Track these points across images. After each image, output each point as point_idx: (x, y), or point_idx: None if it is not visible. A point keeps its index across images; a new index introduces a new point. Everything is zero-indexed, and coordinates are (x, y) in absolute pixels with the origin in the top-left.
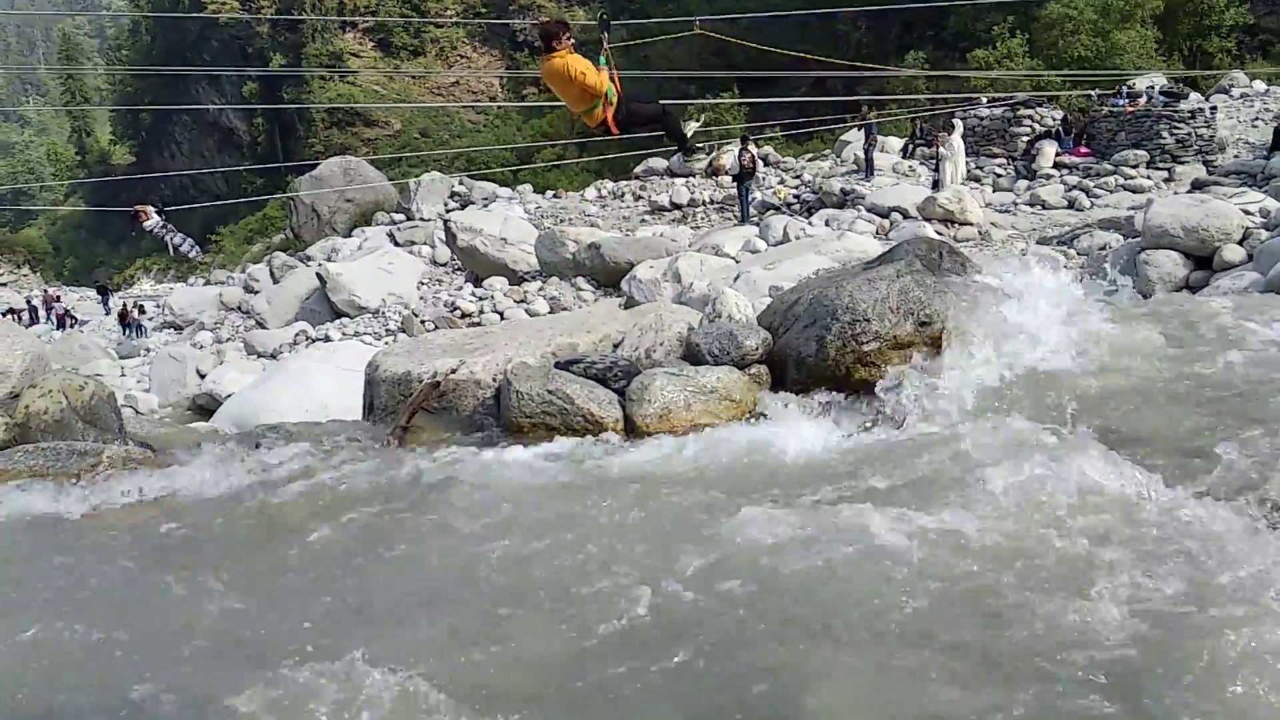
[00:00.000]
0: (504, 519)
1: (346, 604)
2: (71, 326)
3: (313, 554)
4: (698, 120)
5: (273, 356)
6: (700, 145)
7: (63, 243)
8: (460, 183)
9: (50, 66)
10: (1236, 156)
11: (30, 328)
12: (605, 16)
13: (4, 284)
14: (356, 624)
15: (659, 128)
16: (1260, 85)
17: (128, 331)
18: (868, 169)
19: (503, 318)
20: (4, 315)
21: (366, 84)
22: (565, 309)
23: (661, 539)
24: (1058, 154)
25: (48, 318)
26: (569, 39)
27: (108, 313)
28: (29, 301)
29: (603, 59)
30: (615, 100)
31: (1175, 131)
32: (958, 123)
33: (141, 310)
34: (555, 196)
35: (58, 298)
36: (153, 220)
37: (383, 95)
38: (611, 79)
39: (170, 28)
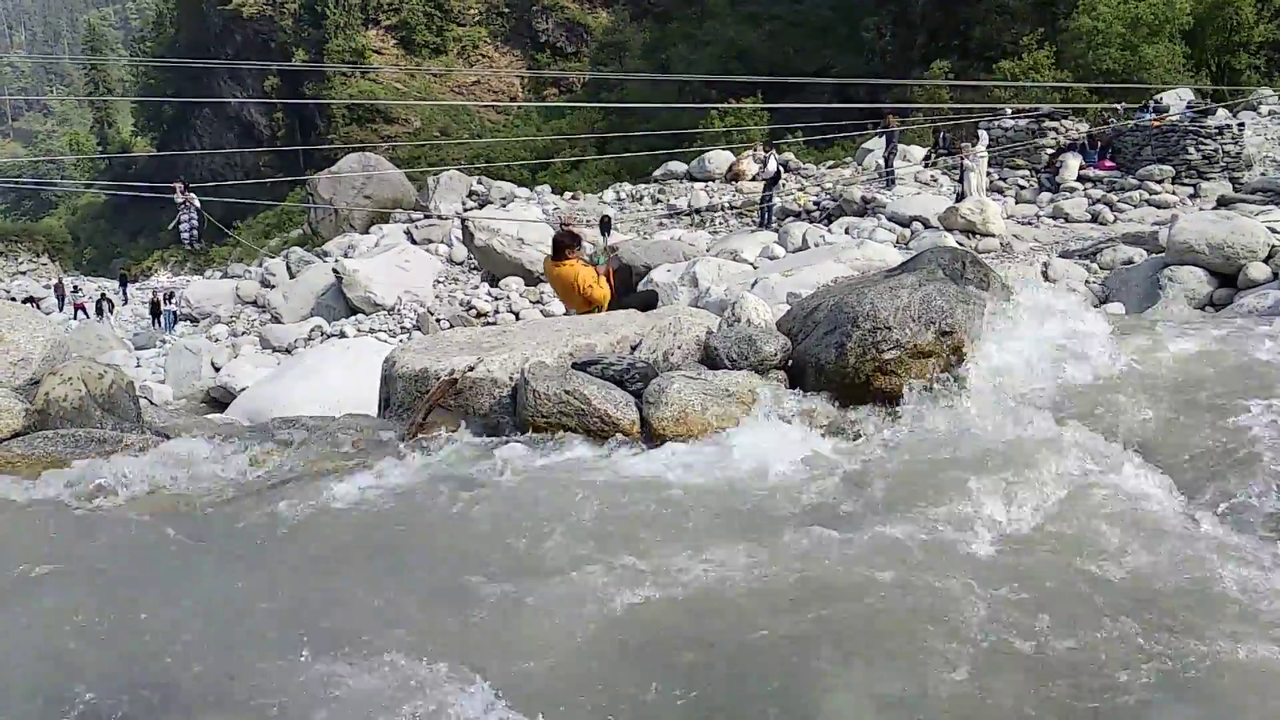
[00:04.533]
0: (517, 518)
1: (357, 598)
2: (111, 313)
3: (325, 548)
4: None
5: (287, 351)
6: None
7: (82, 232)
8: (479, 181)
9: (74, 57)
10: (1263, 174)
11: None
12: (607, 219)
13: (23, 272)
14: (367, 618)
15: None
16: None
17: (159, 320)
18: (889, 178)
19: (518, 318)
20: (25, 303)
21: (388, 81)
22: None
23: (677, 542)
24: (1082, 167)
25: (61, 307)
26: (579, 251)
27: (125, 301)
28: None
29: (601, 259)
30: (608, 301)
31: (1202, 147)
32: (983, 133)
33: (170, 297)
34: (574, 198)
35: (75, 288)
36: (178, 193)
37: (403, 93)
38: (606, 275)
39: (194, 21)
